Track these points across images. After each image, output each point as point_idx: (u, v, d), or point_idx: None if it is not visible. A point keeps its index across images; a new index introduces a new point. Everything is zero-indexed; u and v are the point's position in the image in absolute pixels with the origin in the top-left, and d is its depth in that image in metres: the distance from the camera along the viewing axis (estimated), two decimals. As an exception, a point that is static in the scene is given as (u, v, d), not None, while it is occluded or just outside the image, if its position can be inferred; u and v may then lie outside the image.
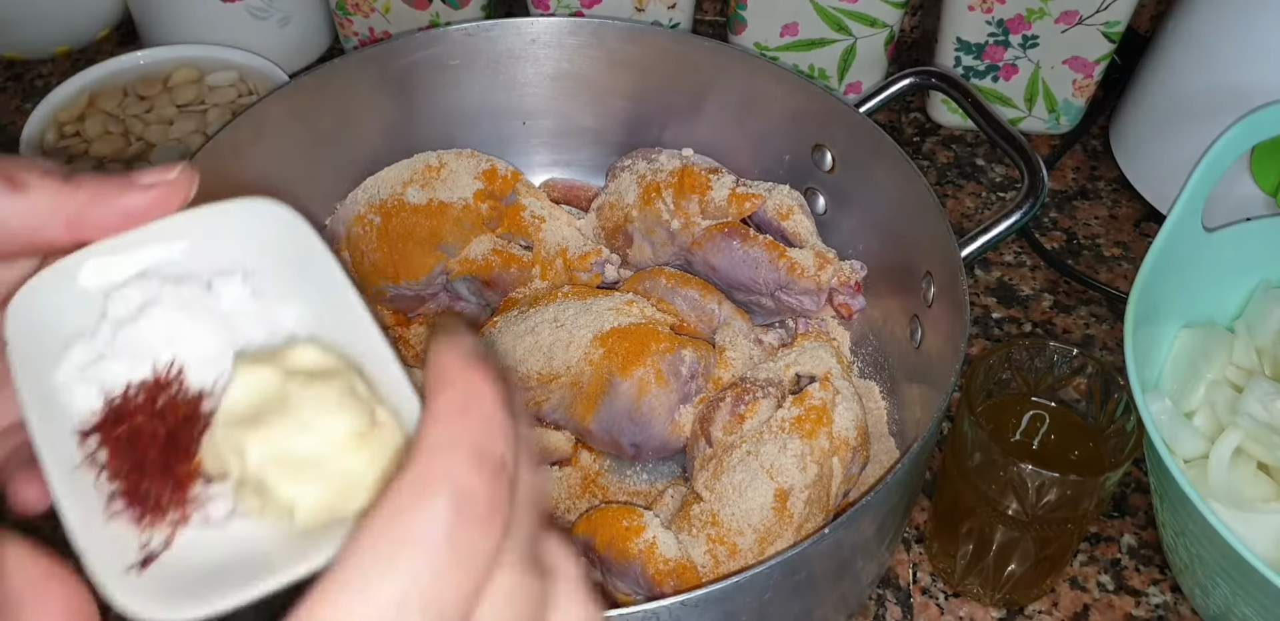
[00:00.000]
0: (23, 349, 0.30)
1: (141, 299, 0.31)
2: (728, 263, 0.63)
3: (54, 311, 0.31)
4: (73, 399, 0.30)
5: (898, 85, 0.63)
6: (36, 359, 0.30)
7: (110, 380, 0.30)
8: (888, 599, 0.59)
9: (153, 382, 0.31)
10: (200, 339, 0.31)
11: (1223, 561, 0.50)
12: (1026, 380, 0.55)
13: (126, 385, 0.30)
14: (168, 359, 0.31)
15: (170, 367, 0.31)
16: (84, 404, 0.30)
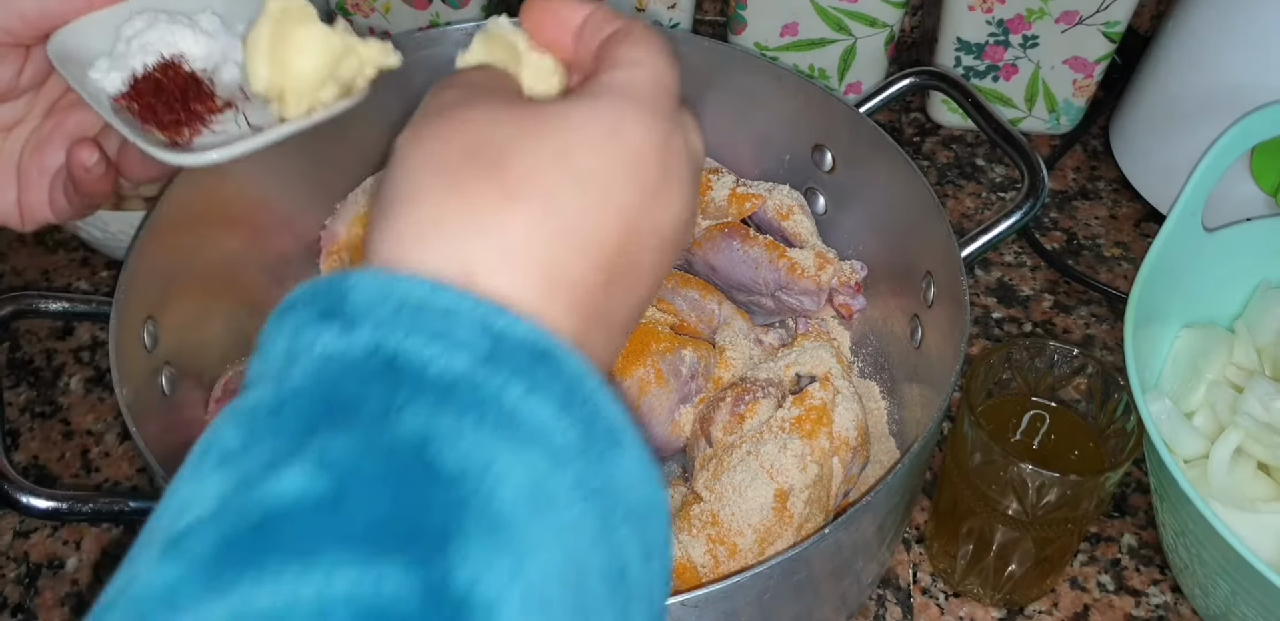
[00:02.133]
0: (64, 62, 0.43)
1: (145, 24, 0.44)
2: (728, 263, 0.63)
3: (81, 41, 0.44)
4: (106, 84, 0.44)
5: (898, 85, 0.63)
6: (75, 67, 0.44)
7: (131, 67, 0.44)
8: (888, 599, 0.59)
9: (163, 62, 0.44)
10: (193, 43, 0.45)
11: (1223, 561, 0.50)
12: (1027, 380, 0.55)
13: (144, 65, 0.44)
14: (172, 51, 0.45)
15: (175, 55, 0.45)
16: (114, 85, 0.44)
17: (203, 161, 0.42)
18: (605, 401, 0.27)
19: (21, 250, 0.76)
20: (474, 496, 0.24)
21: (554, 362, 0.26)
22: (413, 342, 0.25)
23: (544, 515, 0.24)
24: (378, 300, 0.25)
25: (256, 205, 0.62)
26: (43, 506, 0.47)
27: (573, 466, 0.25)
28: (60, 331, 0.72)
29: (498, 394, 0.25)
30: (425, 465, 0.24)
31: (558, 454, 0.25)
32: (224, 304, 0.60)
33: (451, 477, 0.24)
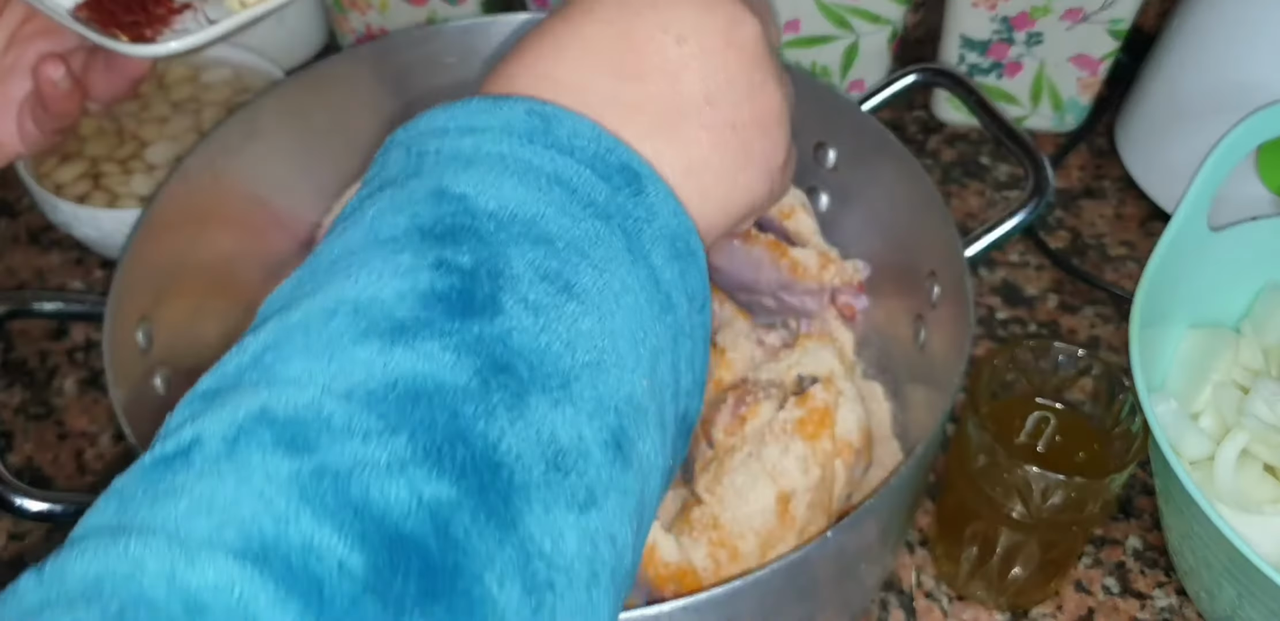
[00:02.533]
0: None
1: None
2: (729, 263, 0.62)
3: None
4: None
5: (901, 82, 0.62)
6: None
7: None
8: (891, 602, 0.58)
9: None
10: None
11: (1229, 564, 0.50)
12: (1031, 381, 0.55)
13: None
14: None
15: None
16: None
17: (164, 51, 0.46)
18: (615, 144, 0.31)
19: (15, 250, 0.75)
20: (481, 204, 0.29)
21: (551, 118, 0.31)
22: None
23: (554, 220, 0.30)
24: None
25: (251, 203, 0.62)
26: (36, 508, 0.47)
27: (583, 189, 0.30)
28: (54, 332, 0.71)
29: (498, 144, 0.31)
30: (439, 192, 0.30)
31: (564, 180, 0.30)
32: (220, 303, 0.60)
33: (460, 195, 0.30)
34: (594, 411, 0.27)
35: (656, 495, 0.31)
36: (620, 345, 0.29)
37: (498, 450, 0.25)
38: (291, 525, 0.23)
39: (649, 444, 0.29)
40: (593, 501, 0.27)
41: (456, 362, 0.26)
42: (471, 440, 0.25)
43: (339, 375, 0.25)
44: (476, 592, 0.24)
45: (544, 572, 0.25)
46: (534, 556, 0.25)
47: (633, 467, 0.28)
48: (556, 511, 0.26)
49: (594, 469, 0.27)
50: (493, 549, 0.24)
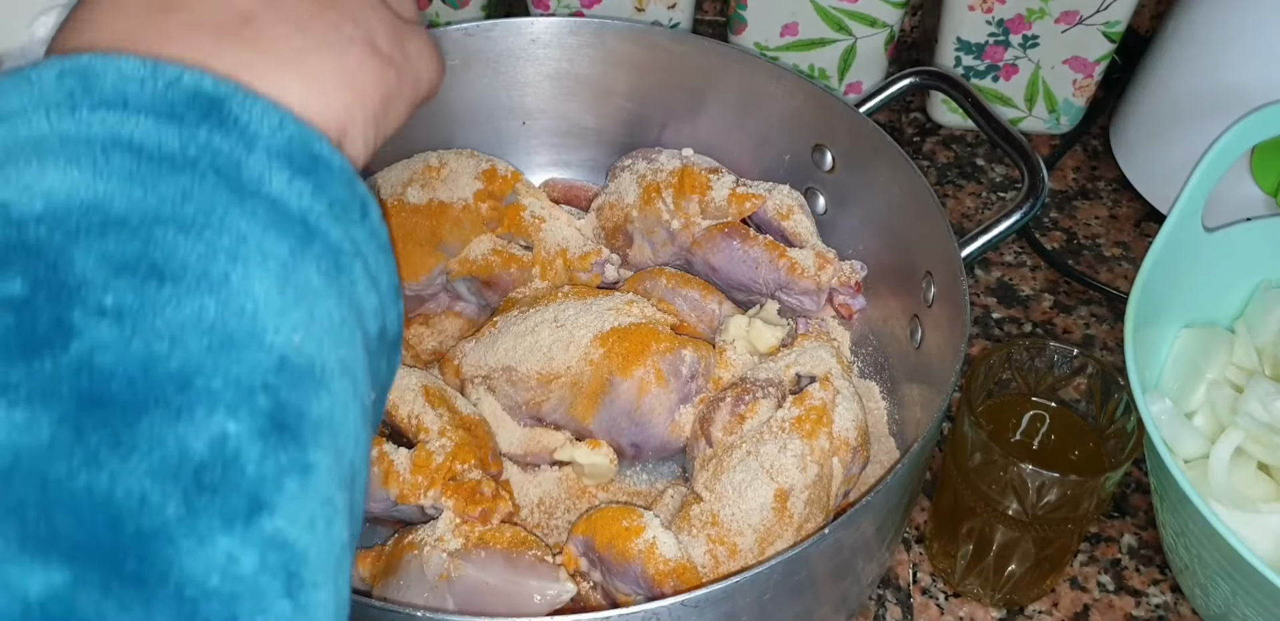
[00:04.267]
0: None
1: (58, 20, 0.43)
2: (728, 263, 0.63)
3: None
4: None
5: (898, 85, 0.63)
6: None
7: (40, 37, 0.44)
8: (888, 599, 0.59)
9: None
10: None
11: (1223, 561, 0.50)
12: (1027, 380, 0.55)
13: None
14: None
15: None
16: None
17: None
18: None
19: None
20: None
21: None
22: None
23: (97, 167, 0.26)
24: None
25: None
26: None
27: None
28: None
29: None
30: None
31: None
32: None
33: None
34: (236, 400, 0.24)
35: (359, 436, 0.28)
36: (252, 307, 0.25)
37: (112, 502, 0.22)
38: None
39: (326, 400, 0.26)
40: (260, 505, 0.24)
41: (32, 419, 0.22)
42: (73, 505, 0.22)
43: None
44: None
45: (221, 609, 0.22)
46: (200, 600, 0.22)
47: (308, 437, 0.25)
48: (215, 536, 0.23)
49: (252, 467, 0.24)
50: (143, 614, 0.21)
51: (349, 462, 0.27)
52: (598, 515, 0.52)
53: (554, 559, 0.52)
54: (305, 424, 0.25)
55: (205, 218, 0.25)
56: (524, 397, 0.59)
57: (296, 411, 0.25)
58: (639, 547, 0.50)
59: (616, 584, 0.51)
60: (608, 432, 0.58)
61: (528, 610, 0.51)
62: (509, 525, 0.54)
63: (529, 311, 0.60)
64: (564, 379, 0.58)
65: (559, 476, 0.59)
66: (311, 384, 0.26)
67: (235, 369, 0.24)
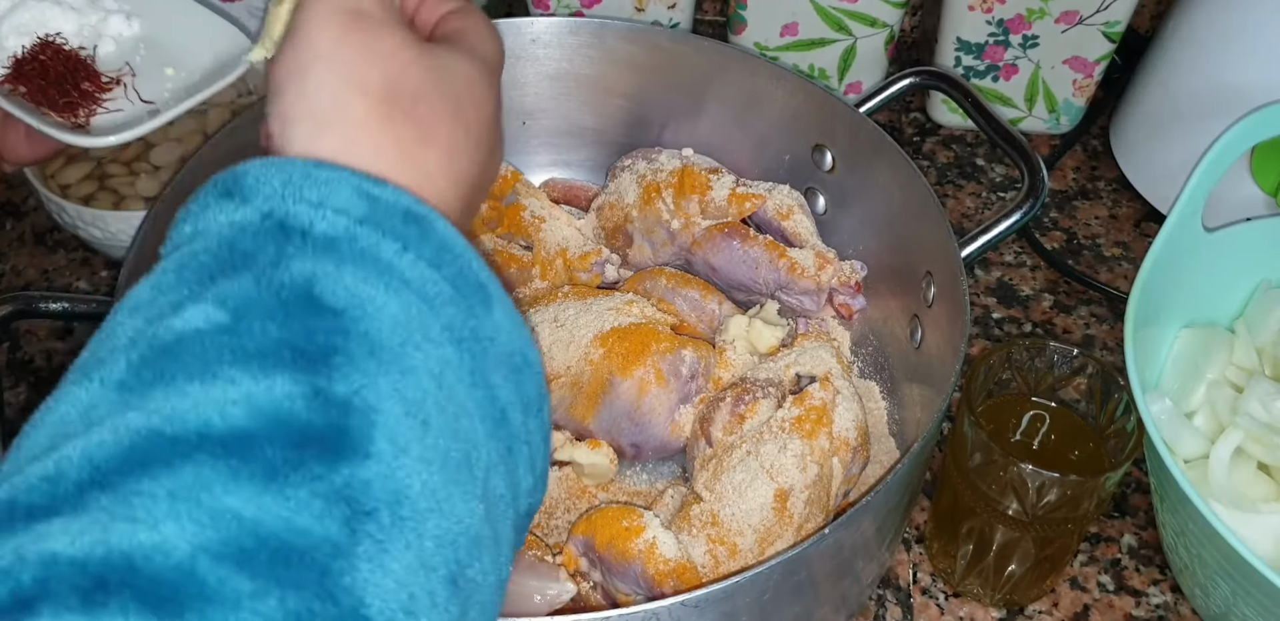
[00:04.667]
0: None
1: (9, 4, 0.48)
2: (728, 263, 0.63)
3: None
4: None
5: (898, 85, 0.63)
6: None
7: (8, 50, 0.48)
8: (888, 599, 0.59)
9: (40, 43, 0.48)
10: (63, 21, 0.49)
11: (1223, 561, 0.50)
12: (1027, 380, 0.55)
13: (21, 47, 0.48)
14: (45, 30, 0.49)
15: (49, 35, 0.49)
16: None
17: (101, 143, 0.48)
18: (474, 261, 0.32)
19: (21, 250, 0.76)
20: (355, 324, 0.28)
21: (425, 225, 0.31)
22: (299, 208, 0.30)
23: (419, 348, 0.29)
24: (269, 176, 0.30)
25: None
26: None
27: (444, 311, 0.30)
28: (60, 331, 0.72)
29: (375, 248, 0.30)
30: (311, 299, 0.28)
31: (430, 300, 0.30)
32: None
33: (335, 309, 0.28)
34: (436, 548, 0.28)
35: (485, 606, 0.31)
36: (461, 475, 0.29)
37: (363, 604, 0.25)
38: None
39: (478, 567, 0.29)
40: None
41: (326, 512, 0.26)
42: (339, 598, 0.25)
43: (209, 528, 0.25)
44: None
45: None
46: None
47: (461, 595, 0.28)
48: None
49: (437, 612, 0.27)
50: None
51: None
52: (598, 515, 0.52)
53: (554, 559, 0.52)
54: (465, 582, 0.29)
55: (453, 390, 0.30)
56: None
57: (464, 571, 0.29)
58: (639, 547, 0.50)
59: (616, 584, 0.51)
60: (608, 432, 0.58)
61: (528, 610, 0.51)
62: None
63: (529, 311, 0.60)
64: (564, 379, 0.58)
65: (559, 476, 0.59)
66: (479, 549, 0.29)
67: (446, 522, 0.28)
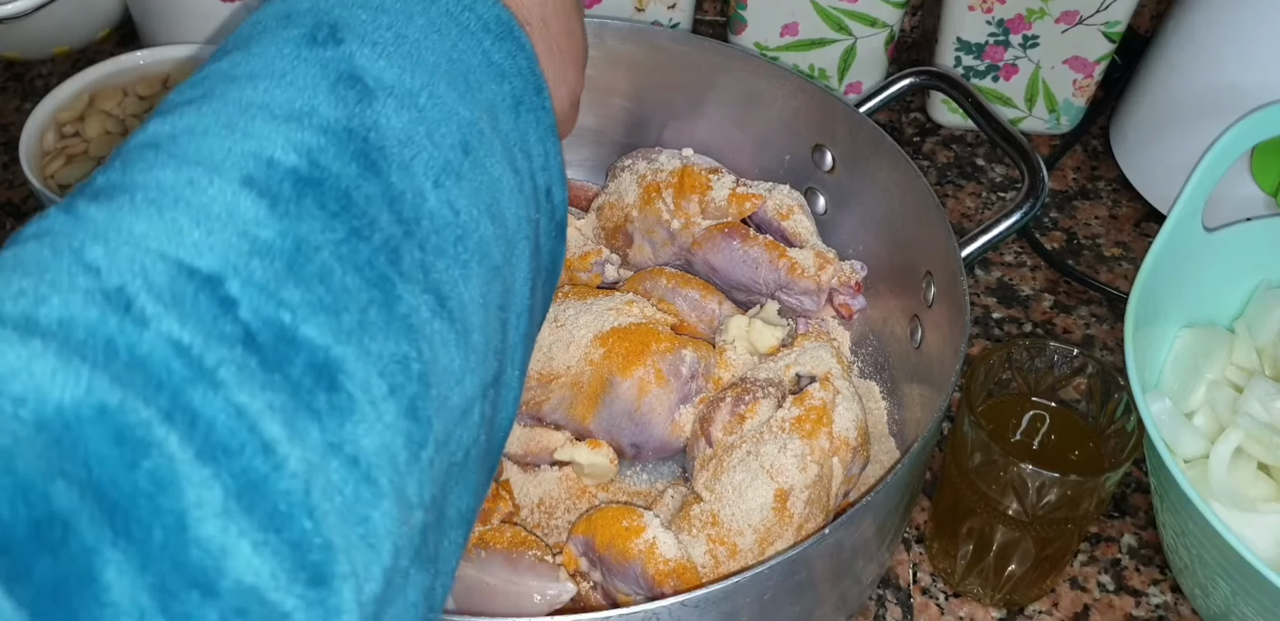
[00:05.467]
0: None
1: None
2: (728, 263, 0.63)
3: None
4: None
5: (898, 85, 0.63)
6: None
7: None
8: (888, 599, 0.59)
9: None
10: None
11: (1223, 561, 0.50)
12: (1027, 380, 0.55)
13: None
14: None
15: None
16: None
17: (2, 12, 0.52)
18: None
19: (21, 250, 0.76)
20: None
21: None
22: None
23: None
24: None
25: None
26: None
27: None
28: (60, 331, 0.72)
29: None
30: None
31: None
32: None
33: None
34: (439, 120, 0.32)
35: (523, 237, 0.35)
36: (458, 84, 0.34)
37: (350, 122, 0.31)
38: (181, 175, 0.28)
39: (499, 167, 0.34)
40: (445, 175, 0.32)
41: (305, 71, 0.32)
42: (324, 113, 0.31)
43: (212, 95, 0.31)
44: (347, 200, 0.29)
45: (409, 211, 0.30)
46: (397, 198, 0.30)
47: (481, 172, 0.33)
48: (414, 174, 0.31)
49: (443, 156, 0.32)
50: (358, 179, 0.30)
51: (511, 236, 0.35)
52: (598, 515, 0.52)
53: (554, 559, 0.52)
54: (484, 173, 0.33)
55: (436, 26, 0.34)
56: (524, 397, 0.59)
57: (479, 156, 0.33)
58: (639, 547, 0.50)
59: (616, 584, 0.51)
60: (608, 432, 0.58)
61: (528, 610, 0.51)
62: (509, 525, 0.54)
63: (529, 311, 0.60)
64: (564, 379, 0.58)
65: (559, 476, 0.59)
66: (491, 149, 0.34)
67: (444, 104, 0.33)
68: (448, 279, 0.31)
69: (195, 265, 0.26)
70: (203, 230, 0.27)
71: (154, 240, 0.27)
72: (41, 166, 0.71)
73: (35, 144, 0.72)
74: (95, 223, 0.27)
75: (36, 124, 0.72)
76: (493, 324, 0.33)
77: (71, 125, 0.73)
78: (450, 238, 0.31)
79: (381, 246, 0.29)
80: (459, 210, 0.32)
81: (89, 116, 0.73)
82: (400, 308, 0.29)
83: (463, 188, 0.32)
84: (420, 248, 0.30)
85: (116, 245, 0.26)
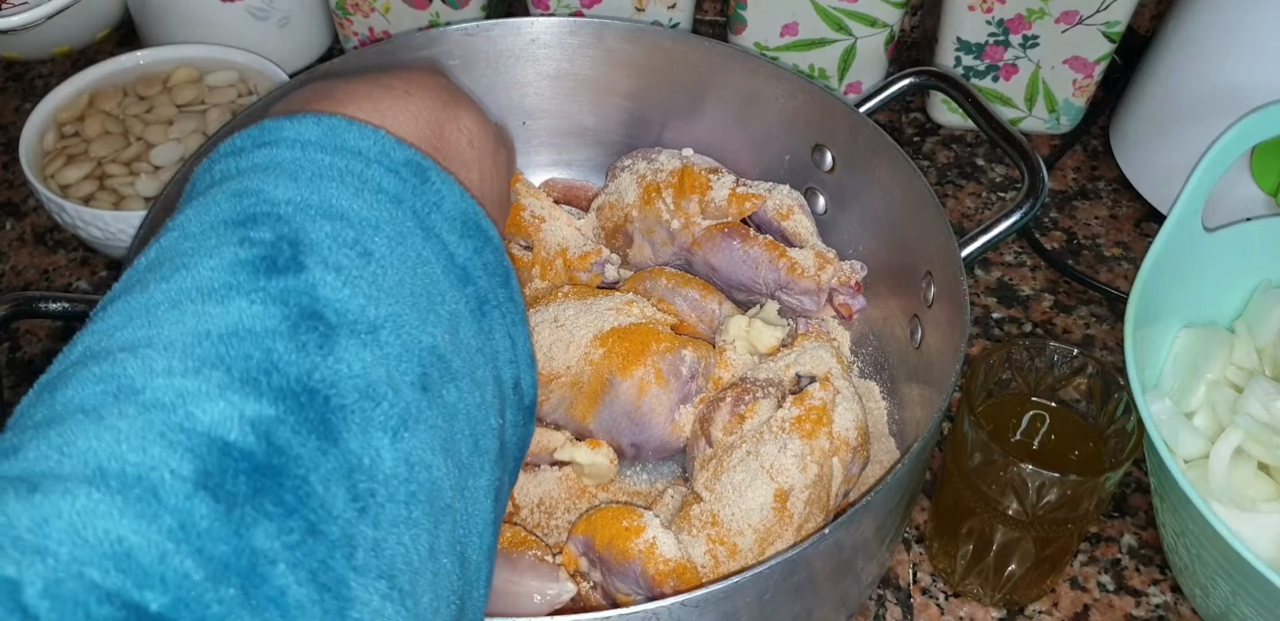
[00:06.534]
0: None
1: None
2: (728, 263, 0.63)
3: None
4: None
5: (898, 85, 0.63)
6: None
7: None
8: (888, 599, 0.59)
9: None
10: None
11: (1223, 561, 0.50)
12: (1027, 380, 0.55)
13: None
14: None
15: None
16: None
17: (8, 25, 0.53)
18: (397, 146, 0.36)
19: (21, 250, 0.76)
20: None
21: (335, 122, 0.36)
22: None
23: (358, 196, 0.34)
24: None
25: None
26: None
27: (375, 179, 0.35)
28: (60, 331, 0.72)
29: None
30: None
31: (359, 174, 0.35)
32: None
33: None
34: (400, 355, 0.31)
35: (481, 452, 0.33)
36: (420, 304, 0.32)
37: (311, 378, 0.29)
38: (129, 450, 0.26)
39: (456, 392, 0.32)
40: (404, 426, 0.30)
41: (265, 312, 0.29)
42: (285, 369, 0.28)
43: (158, 336, 0.29)
44: (304, 490, 0.27)
45: (365, 483, 0.28)
46: (355, 468, 0.28)
47: (439, 407, 0.31)
48: (372, 433, 0.29)
49: (403, 401, 0.30)
50: (316, 457, 0.28)
51: (448, 449, 0.32)
52: (598, 515, 0.52)
53: (554, 559, 0.52)
54: (440, 397, 0.32)
55: (400, 237, 0.33)
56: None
57: (435, 384, 0.32)
58: (639, 547, 0.50)
59: (616, 584, 0.51)
60: (608, 432, 0.58)
61: (528, 610, 0.51)
62: (509, 525, 0.54)
63: (529, 311, 0.60)
64: (564, 379, 0.58)
65: (559, 476, 0.59)
66: (450, 374, 0.32)
67: (405, 336, 0.31)
68: (399, 552, 0.28)
69: (146, 606, 0.23)
70: (154, 553, 0.24)
71: (91, 563, 0.23)
72: (41, 166, 0.71)
73: (35, 144, 0.72)
74: (14, 524, 0.24)
75: (36, 124, 0.72)
76: (446, 568, 0.31)
77: (71, 125, 0.73)
78: (403, 497, 0.29)
79: (338, 541, 0.27)
80: (414, 463, 0.30)
81: (89, 116, 0.73)
82: (353, 612, 0.27)
83: (420, 435, 0.30)
84: (374, 524, 0.28)
85: (40, 568, 0.23)
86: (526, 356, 0.38)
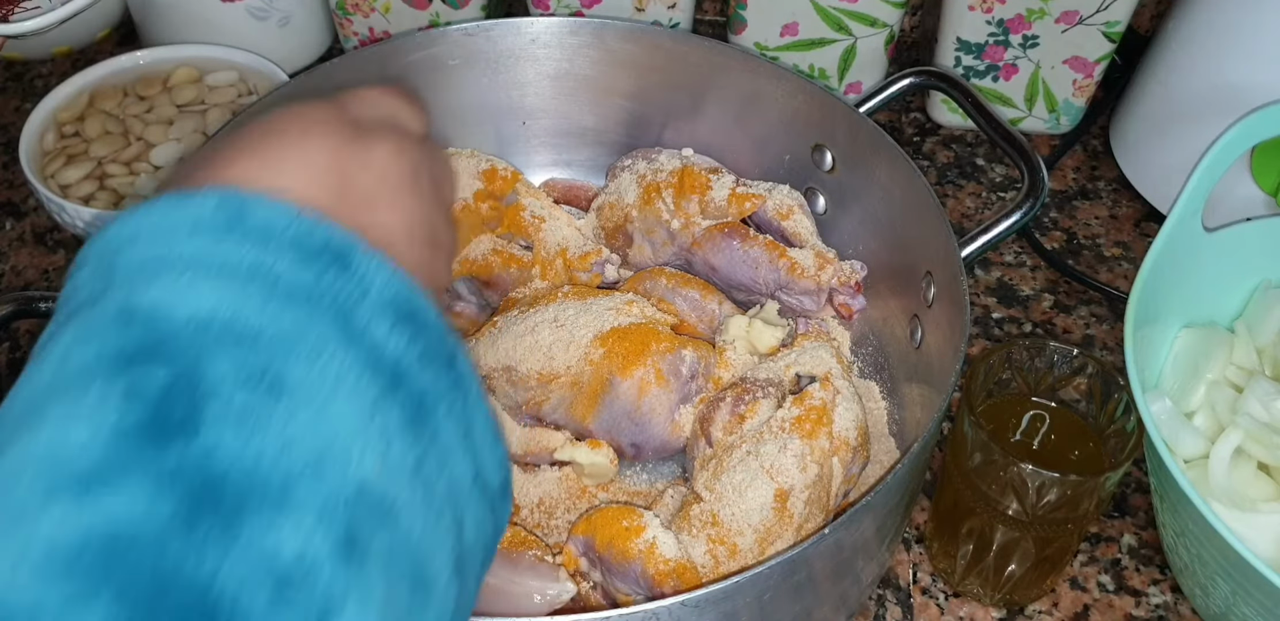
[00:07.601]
0: None
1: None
2: (728, 263, 0.63)
3: None
4: None
5: (898, 85, 0.63)
6: None
7: None
8: (888, 599, 0.59)
9: None
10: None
11: (1223, 561, 0.50)
12: (1026, 380, 0.55)
13: None
14: None
15: None
16: None
17: (21, 29, 0.54)
18: (317, 226, 0.31)
19: (21, 250, 0.76)
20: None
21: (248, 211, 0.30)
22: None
23: (261, 311, 0.29)
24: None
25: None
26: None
27: (279, 267, 0.30)
28: (60, 331, 0.72)
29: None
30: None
31: (255, 267, 0.30)
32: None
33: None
34: (321, 513, 0.26)
35: (436, 572, 0.29)
36: (344, 432, 0.28)
37: (212, 590, 0.24)
38: None
39: (389, 535, 0.28)
40: (329, 612, 0.25)
41: (155, 500, 0.24)
42: (181, 585, 0.24)
43: (27, 547, 0.24)
44: None
45: None
46: None
47: (371, 564, 0.27)
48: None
49: (325, 581, 0.26)
50: None
51: (412, 596, 0.28)
52: (598, 515, 0.52)
53: (554, 559, 0.52)
54: (371, 549, 0.27)
55: (319, 350, 0.28)
56: (524, 397, 0.59)
57: (365, 535, 0.27)
58: (639, 547, 0.50)
59: (616, 584, 0.51)
60: (608, 432, 0.58)
61: (528, 610, 0.51)
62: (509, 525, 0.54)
63: (529, 311, 0.60)
64: (564, 379, 0.58)
65: (559, 476, 0.59)
66: (381, 515, 0.28)
67: (324, 487, 0.26)
68: None
69: None
70: None
71: None
72: (41, 166, 0.71)
73: (35, 144, 0.72)
74: None
75: (36, 124, 0.72)
76: None
77: (71, 125, 0.73)
78: None
79: None
80: None
81: (89, 116, 0.73)
82: None
83: (347, 614, 0.26)
84: None
85: None
86: (488, 438, 0.33)
